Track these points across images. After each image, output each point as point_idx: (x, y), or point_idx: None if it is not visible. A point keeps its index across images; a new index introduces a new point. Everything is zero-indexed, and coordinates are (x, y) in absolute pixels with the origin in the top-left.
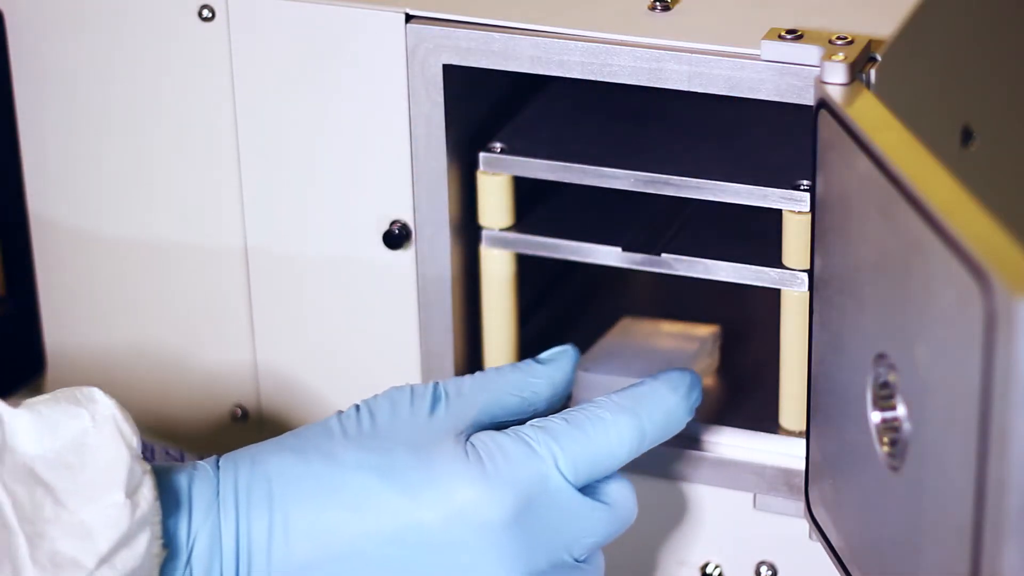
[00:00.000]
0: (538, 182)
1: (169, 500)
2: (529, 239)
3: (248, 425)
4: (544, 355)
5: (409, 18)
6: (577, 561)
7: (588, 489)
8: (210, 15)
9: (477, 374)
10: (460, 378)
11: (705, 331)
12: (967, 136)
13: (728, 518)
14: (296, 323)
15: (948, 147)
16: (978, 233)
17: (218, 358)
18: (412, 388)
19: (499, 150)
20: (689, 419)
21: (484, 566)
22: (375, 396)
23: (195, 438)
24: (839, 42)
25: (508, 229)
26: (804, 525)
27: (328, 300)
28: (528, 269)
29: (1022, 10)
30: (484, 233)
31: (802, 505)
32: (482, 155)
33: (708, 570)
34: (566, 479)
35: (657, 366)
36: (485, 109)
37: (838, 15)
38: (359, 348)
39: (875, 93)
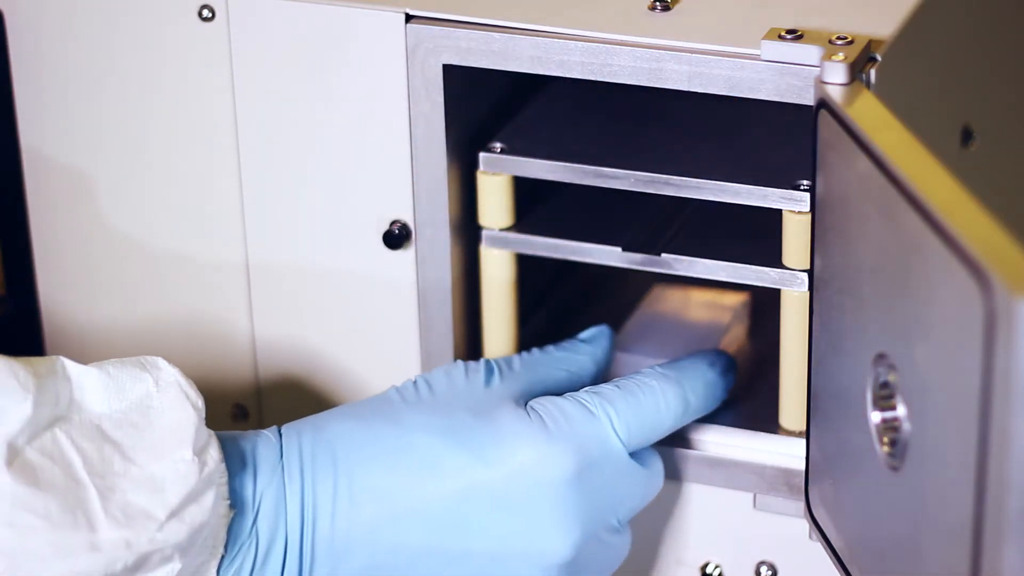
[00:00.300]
0: (538, 182)
1: (235, 462)
2: (529, 239)
3: (248, 424)
4: (583, 334)
5: (409, 18)
6: (618, 525)
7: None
8: (210, 15)
9: (523, 353)
10: (509, 356)
11: (735, 299)
12: (967, 136)
13: (728, 518)
14: (296, 322)
15: (948, 147)
16: (978, 233)
17: (218, 357)
18: (465, 363)
19: (499, 150)
20: (724, 398)
21: (545, 524)
22: (429, 371)
23: None
24: (839, 42)
25: (508, 229)
26: (804, 525)
27: (328, 300)
28: (528, 269)
29: (1022, 10)
30: (484, 233)
31: (802, 505)
32: (482, 155)
33: (708, 570)
34: (621, 441)
35: (693, 342)
36: (485, 109)
37: (838, 15)
38: (359, 348)
39: (875, 93)
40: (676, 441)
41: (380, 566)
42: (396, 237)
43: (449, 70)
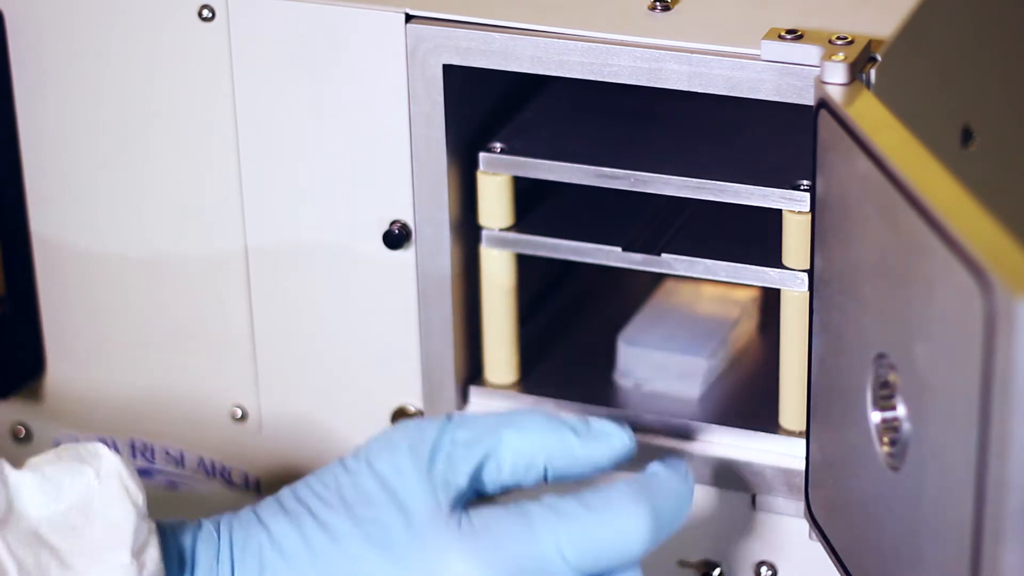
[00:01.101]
0: (538, 182)
1: (172, 562)
2: (529, 239)
3: (248, 425)
4: (595, 424)
5: (409, 18)
6: None
7: None
8: (210, 15)
9: (516, 412)
10: (480, 417)
11: (746, 294)
12: (967, 136)
13: (728, 518)
14: (296, 323)
15: (948, 147)
16: (978, 233)
17: (218, 358)
18: (411, 439)
19: (499, 150)
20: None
21: None
22: (378, 440)
23: (195, 438)
24: (839, 42)
25: (508, 229)
26: (804, 525)
27: (328, 300)
28: (528, 269)
29: (1022, 10)
30: (484, 233)
31: (802, 505)
32: (482, 155)
33: (708, 570)
34: (568, 564)
35: (700, 336)
36: (485, 109)
37: (838, 15)
38: (359, 348)
39: (875, 93)
40: (676, 441)
41: None
42: (396, 237)
43: (449, 70)
